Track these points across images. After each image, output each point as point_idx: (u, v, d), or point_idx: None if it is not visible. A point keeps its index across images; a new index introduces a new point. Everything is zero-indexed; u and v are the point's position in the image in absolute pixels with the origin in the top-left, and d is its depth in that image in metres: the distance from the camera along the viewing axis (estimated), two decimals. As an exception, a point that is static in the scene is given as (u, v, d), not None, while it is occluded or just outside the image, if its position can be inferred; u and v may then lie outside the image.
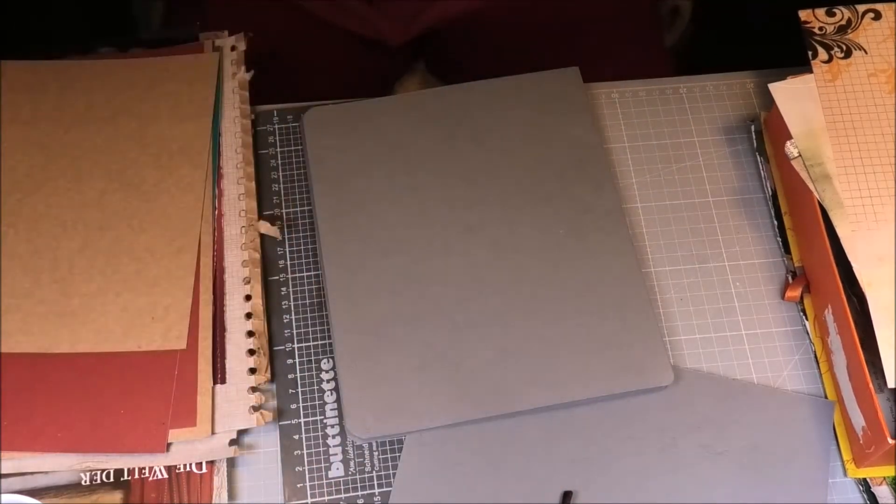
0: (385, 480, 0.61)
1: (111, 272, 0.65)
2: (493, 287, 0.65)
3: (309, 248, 0.69)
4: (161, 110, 0.71)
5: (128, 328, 0.63)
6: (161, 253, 0.65)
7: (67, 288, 0.64)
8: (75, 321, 0.63)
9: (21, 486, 0.60)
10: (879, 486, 0.62)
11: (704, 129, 0.74)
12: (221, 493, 0.60)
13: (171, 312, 0.63)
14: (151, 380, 0.61)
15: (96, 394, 0.61)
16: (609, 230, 0.67)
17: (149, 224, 0.67)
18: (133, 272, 0.65)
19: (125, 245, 0.66)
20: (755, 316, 0.67)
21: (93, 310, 0.63)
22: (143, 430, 0.60)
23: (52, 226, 0.66)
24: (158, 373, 0.61)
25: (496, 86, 0.73)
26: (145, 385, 0.61)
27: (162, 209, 0.67)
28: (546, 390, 0.62)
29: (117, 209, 0.67)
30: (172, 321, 0.63)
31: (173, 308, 0.63)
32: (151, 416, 0.60)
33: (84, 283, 0.64)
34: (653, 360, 0.63)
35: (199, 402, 0.61)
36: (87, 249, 0.65)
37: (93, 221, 0.66)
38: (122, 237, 0.66)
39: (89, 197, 0.67)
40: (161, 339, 0.63)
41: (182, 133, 0.70)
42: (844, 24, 0.70)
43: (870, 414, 0.59)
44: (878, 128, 0.66)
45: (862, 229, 0.63)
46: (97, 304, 0.63)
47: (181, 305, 0.64)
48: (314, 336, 0.66)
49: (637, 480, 0.61)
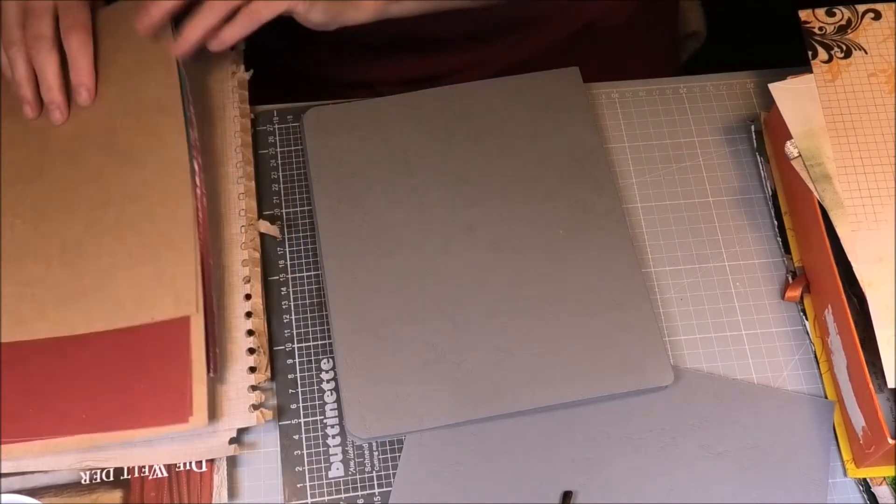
0: (385, 480, 0.61)
1: (118, 247, 0.64)
2: (493, 287, 0.65)
3: (309, 248, 0.69)
4: (129, 64, 0.70)
5: (138, 301, 0.62)
6: (160, 221, 0.65)
7: (77, 269, 0.64)
8: (88, 301, 0.63)
9: (21, 485, 0.60)
10: (879, 486, 0.62)
11: (704, 129, 0.74)
12: (221, 492, 0.60)
13: (178, 279, 0.63)
14: (168, 352, 0.61)
15: (115, 372, 0.60)
16: (609, 230, 0.67)
17: (145, 193, 0.66)
18: (137, 244, 0.64)
19: (126, 218, 0.65)
20: (755, 316, 0.67)
21: (103, 287, 0.63)
22: (166, 402, 0.59)
23: (56, 210, 0.66)
24: (174, 345, 0.61)
25: (496, 86, 0.73)
26: (163, 358, 0.60)
27: (153, 175, 0.66)
28: (546, 390, 0.62)
29: (114, 182, 0.66)
30: (181, 288, 0.62)
31: (180, 275, 0.63)
32: (172, 387, 0.59)
33: (93, 262, 0.64)
34: (653, 360, 0.63)
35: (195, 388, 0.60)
36: (92, 228, 0.65)
37: (94, 199, 0.66)
38: (123, 210, 0.65)
39: (87, 175, 0.67)
40: (172, 307, 0.62)
41: (153, 82, 0.69)
42: (844, 24, 0.70)
43: (870, 414, 0.59)
44: (878, 128, 0.66)
45: (862, 229, 0.63)
46: (107, 280, 0.63)
47: (187, 271, 0.63)
48: (314, 336, 0.66)
49: (637, 480, 0.61)
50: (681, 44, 1.01)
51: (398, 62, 0.85)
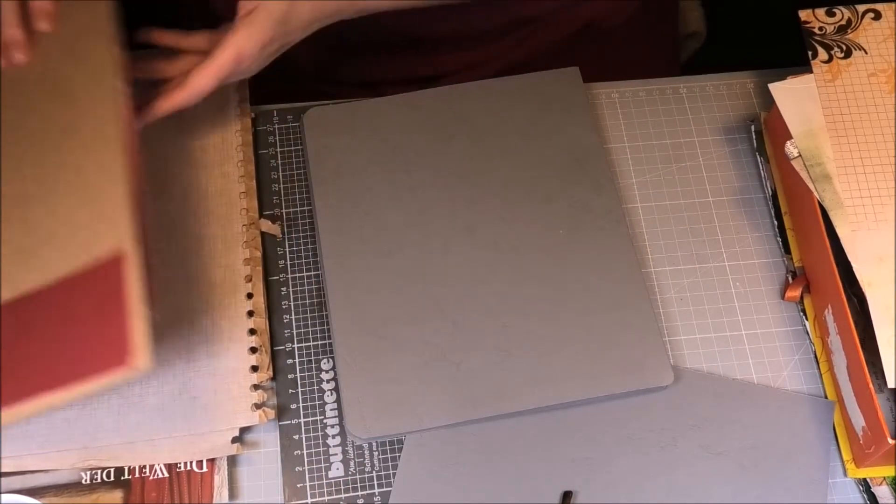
0: (385, 480, 0.61)
1: (60, 189, 0.60)
2: (493, 287, 0.65)
3: (309, 248, 0.69)
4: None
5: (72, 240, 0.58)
6: (94, 154, 0.61)
7: (30, 222, 0.60)
8: (33, 252, 0.58)
9: (21, 485, 0.60)
10: (879, 486, 0.62)
11: (704, 129, 0.75)
12: (222, 492, 0.60)
13: (109, 211, 0.58)
14: (104, 293, 0.56)
15: (53, 328, 0.56)
16: (609, 230, 0.67)
17: (79, 125, 0.62)
18: (73, 182, 0.60)
19: (63, 155, 0.61)
20: (755, 316, 0.67)
21: (45, 234, 0.59)
22: (105, 347, 0.54)
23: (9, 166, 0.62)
24: (109, 284, 0.56)
25: (496, 86, 0.73)
26: (99, 301, 0.56)
27: (84, 104, 0.62)
28: (546, 390, 0.62)
29: (50, 117, 0.63)
30: (112, 220, 0.58)
31: (110, 207, 0.58)
32: (109, 329, 0.54)
33: (41, 210, 0.60)
34: (653, 360, 0.63)
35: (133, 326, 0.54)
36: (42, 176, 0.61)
37: (36, 140, 0.62)
38: (58, 147, 0.61)
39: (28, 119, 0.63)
40: (106, 241, 0.57)
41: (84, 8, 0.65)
42: (844, 24, 0.70)
43: (870, 414, 0.59)
44: (878, 128, 0.66)
45: (862, 229, 0.63)
46: (46, 227, 0.59)
47: (116, 202, 0.58)
48: (314, 336, 0.66)
49: (637, 480, 0.61)
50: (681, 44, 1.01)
51: (398, 62, 0.85)
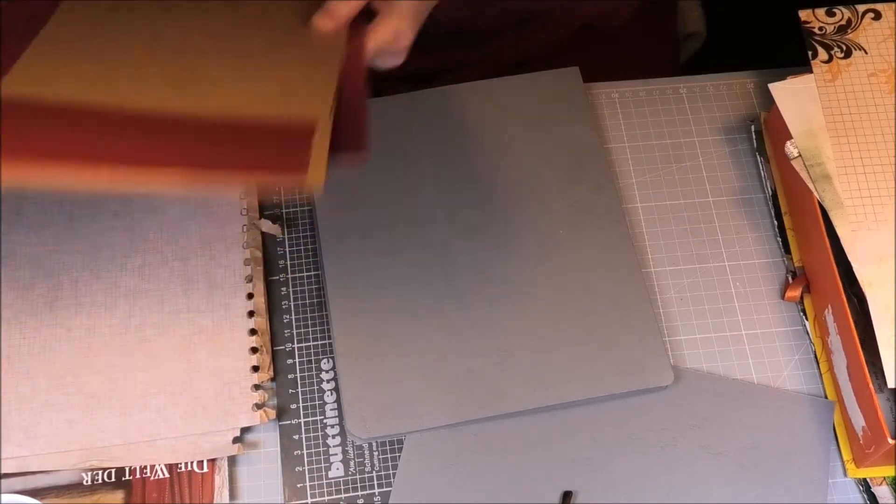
0: (385, 480, 0.61)
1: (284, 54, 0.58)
2: (493, 287, 0.65)
3: (309, 248, 0.69)
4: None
5: (290, 94, 0.55)
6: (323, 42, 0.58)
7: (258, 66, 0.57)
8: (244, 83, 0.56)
9: (22, 486, 0.60)
10: (879, 486, 0.62)
11: (704, 129, 0.75)
12: (223, 492, 0.60)
13: (323, 89, 0.54)
14: (292, 140, 0.52)
15: (247, 131, 0.52)
16: (609, 230, 0.67)
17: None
18: (300, 53, 0.57)
19: (297, 37, 0.58)
20: (755, 316, 0.67)
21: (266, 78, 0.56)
22: (284, 151, 0.51)
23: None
24: (300, 138, 0.52)
25: (496, 86, 0.73)
26: (287, 140, 0.52)
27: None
28: (546, 390, 0.62)
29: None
30: (325, 98, 0.54)
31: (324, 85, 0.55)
32: (297, 146, 0.51)
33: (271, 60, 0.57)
34: (653, 360, 0.63)
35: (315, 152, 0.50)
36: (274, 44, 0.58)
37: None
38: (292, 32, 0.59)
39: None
40: (314, 110, 0.53)
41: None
42: (844, 24, 0.70)
43: (870, 414, 0.59)
44: (878, 128, 0.66)
45: (862, 229, 0.63)
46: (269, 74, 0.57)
47: (329, 90, 0.54)
48: (314, 336, 0.66)
49: (637, 480, 0.61)
50: (681, 44, 1.01)
51: None
